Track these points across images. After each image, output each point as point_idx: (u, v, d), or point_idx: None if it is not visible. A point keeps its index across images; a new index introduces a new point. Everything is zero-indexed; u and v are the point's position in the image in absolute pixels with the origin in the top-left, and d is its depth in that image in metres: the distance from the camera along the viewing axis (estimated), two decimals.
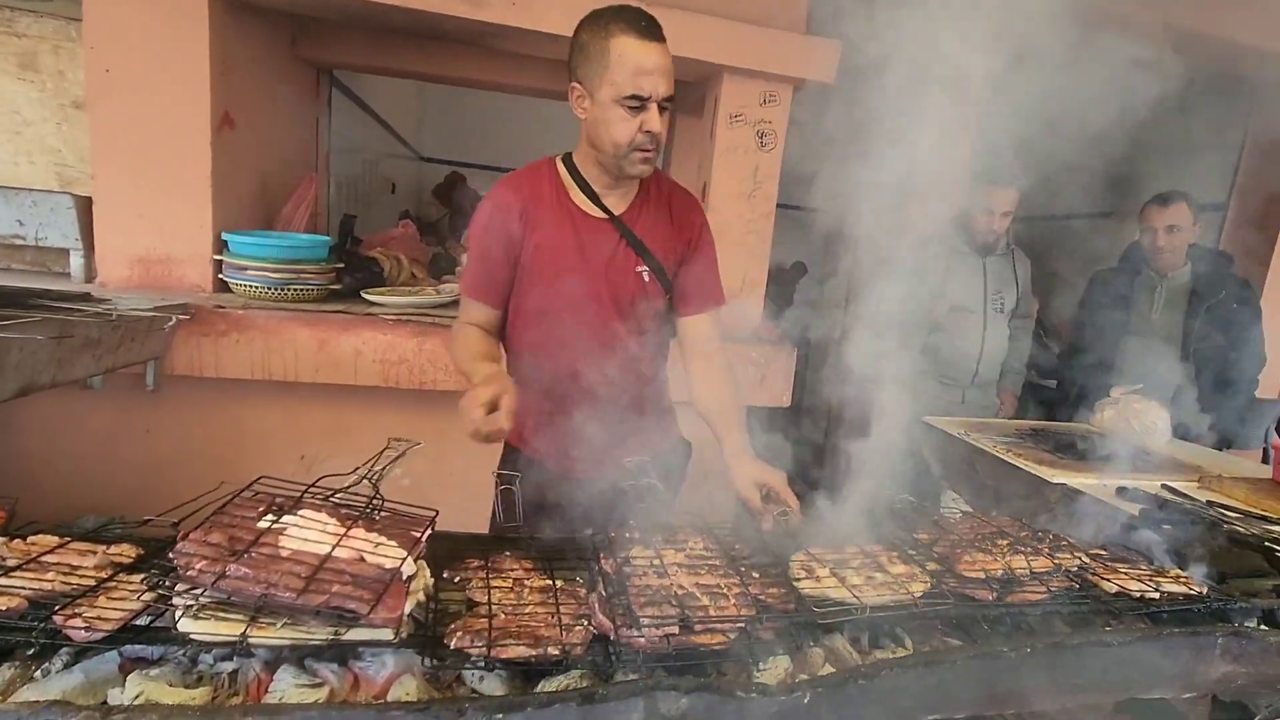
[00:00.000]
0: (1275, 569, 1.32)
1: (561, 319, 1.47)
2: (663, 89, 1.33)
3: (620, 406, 1.49)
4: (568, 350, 1.48)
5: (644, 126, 1.32)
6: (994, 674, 1.05)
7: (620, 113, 1.31)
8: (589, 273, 1.46)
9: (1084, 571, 1.19)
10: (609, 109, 1.32)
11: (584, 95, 1.36)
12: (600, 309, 1.49)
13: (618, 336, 1.51)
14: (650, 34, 1.32)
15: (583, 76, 1.34)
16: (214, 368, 2.18)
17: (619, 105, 1.31)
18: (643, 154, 1.36)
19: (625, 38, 1.29)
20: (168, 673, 0.90)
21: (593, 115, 1.36)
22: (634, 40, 1.29)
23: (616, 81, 1.29)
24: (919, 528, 1.32)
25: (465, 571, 1.09)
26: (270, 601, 0.83)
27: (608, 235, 1.48)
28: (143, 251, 2.24)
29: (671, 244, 1.54)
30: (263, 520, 0.95)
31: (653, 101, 1.32)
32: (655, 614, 0.96)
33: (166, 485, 2.26)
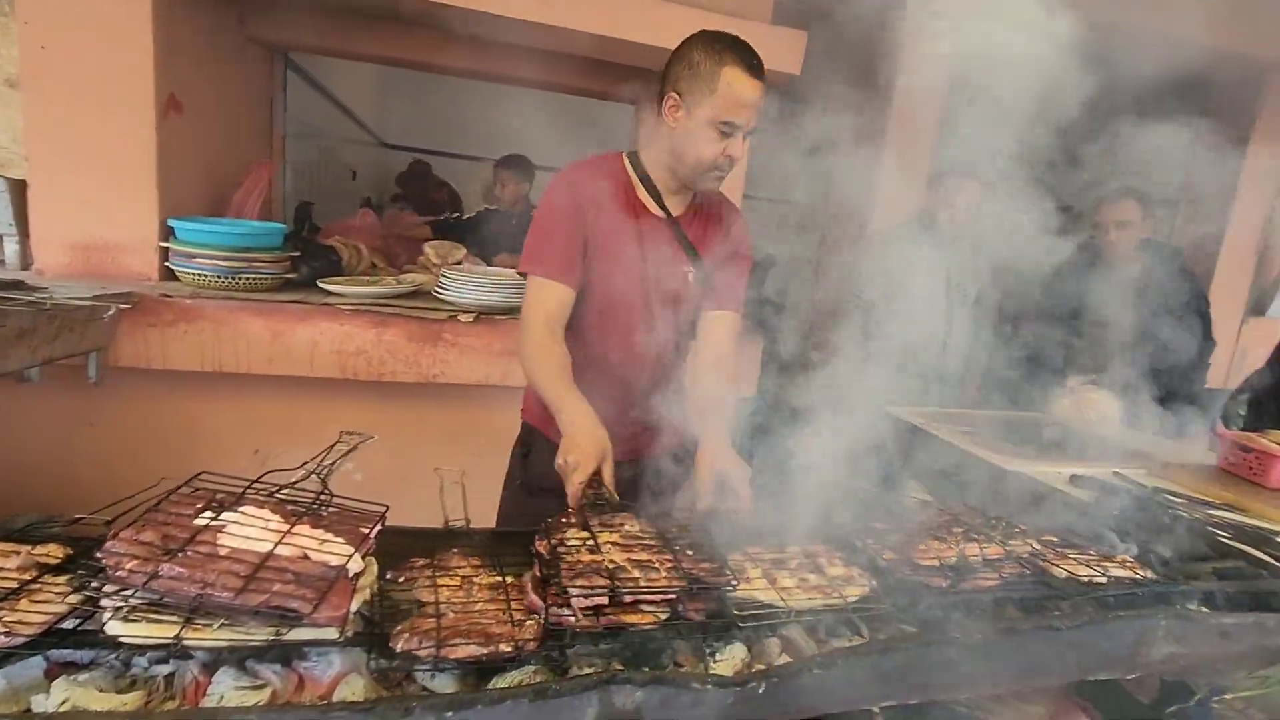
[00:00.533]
0: (1217, 553, 1.37)
1: (611, 308, 1.55)
2: (752, 122, 1.43)
3: (647, 398, 1.58)
4: (609, 338, 1.57)
5: (728, 150, 1.43)
6: (947, 661, 1.06)
7: (712, 134, 1.41)
8: (643, 266, 1.55)
9: (1035, 558, 1.21)
10: (702, 128, 1.41)
11: (679, 107, 1.44)
12: (646, 302, 1.57)
13: (655, 331, 1.59)
14: (757, 73, 1.42)
15: (684, 90, 1.42)
16: (161, 359, 2.10)
17: (713, 127, 1.41)
18: (719, 173, 1.47)
19: (737, 70, 1.38)
20: (98, 678, 0.85)
21: (684, 128, 1.44)
22: (743, 74, 1.39)
23: (718, 106, 1.39)
24: (876, 517, 1.33)
25: (411, 571, 1.06)
26: (206, 602, 0.80)
27: (664, 234, 1.57)
28: (83, 238, 2.14)
29: (714, 248, 1.62)
30: (201, 517, 0.91)
31: (742, 131, 1.43)
32: (584, 584, 0.95)
33: (111, 482, 2.14)
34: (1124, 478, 1.76)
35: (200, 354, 2.14)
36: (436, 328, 2.35)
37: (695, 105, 1.41)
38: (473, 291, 2.44)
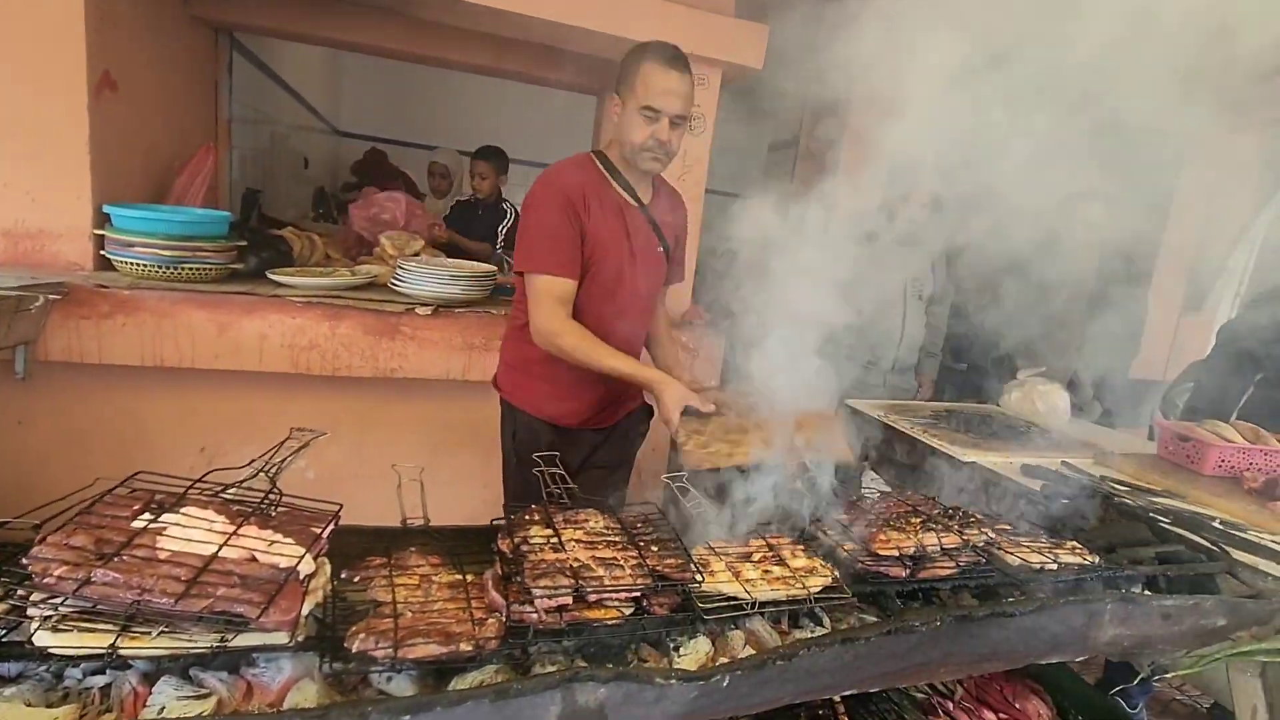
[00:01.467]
0: (1158, 538, 1.43)
1: (607, 288, 1.74)
2: (675, 108, 1.63)
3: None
4: (606, 315, 1.74)
5: (654, 134, 1.64)
6: (906, 648, 1.08)
7: (639, 120, 1.64)
8: (631, 250, 1.76)
9: (990, 546, 1.24)
10: (632, 115, 1.64)
11: (618, 104, 1.69)
12: (634, 281, 1.78)
13: (641, 305, 1.84)
14: (676, 65, 1.63)
15: (620, 89, 1.68)
16: (96, 353, 1.99)
17: (639, 114, 1.63)
18: (651, 154, 1.68)
19: (654, 63, 1.61)
20: (25, 691, 0.80)
21: (622, 120, 1.69)
22: (660, 66, 1.61)
23: (639, 95, 1.62)
24: (839, 508, 1.34)
25: (367, 570, 1.03)
26: (144, 609, 0.75)
27: (641, 220, 1.79)
28: (9, 224, 2.01)
29: (671, 229, 1.89)
30: (138, 519, 0.86)
31: (664, 116, 1.62)
32: (548, 585, 0.94)
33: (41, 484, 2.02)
34: (1072, 467, 1.82)
35: (140, 348, 2.03)
36: (394, 320, 2.29)
37: (626, 98, 1.66)
38: (431, 283, 2.38)
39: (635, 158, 1.69)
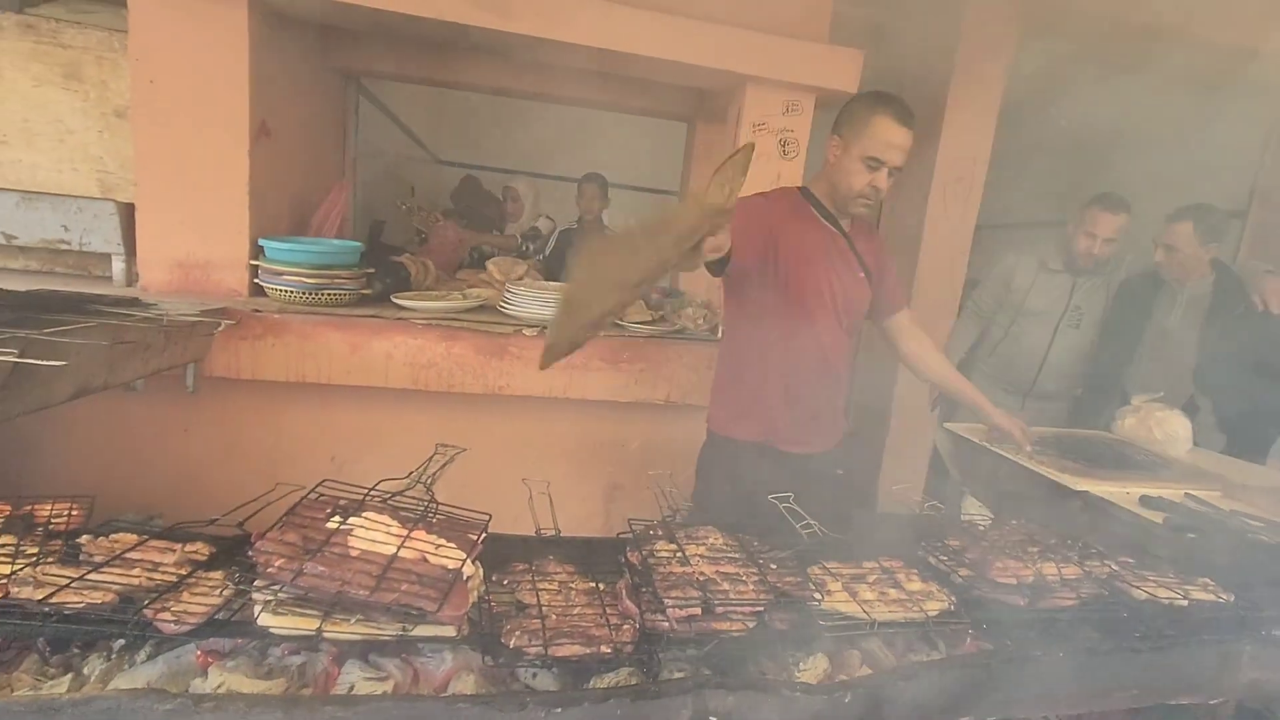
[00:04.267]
0: None
1: (810, 309, 1.84)
2: (897, 161, 1.73)
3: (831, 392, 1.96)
4: (808, 336, 1.85)
5: (873, 182, 1.75)
6: (1027, 678, 1.08)
7: (860, 168, 1.74)
8: (830, 270, 1.85)
9: (1113, 579, 1.22)
10: (855, 162, 1.74)
11: (839, 146, 1.79)
12: (834, 299, 1.87)
13: (843, 327, 1.92)
14: (906, 121, 1.72)
15: (843, 133, 1.77)
16: (250, 370, 2.24)
17: (861, 161, 1.73)
18: (865, 200, 1.79)
19: (886, 118, 1.71)
20: (242, 665, 0.95)
21: (840, 164, 1.79)
22: (891, 122, 1.70)
23: (865, 145, 1.72)
24: (949, 534, 1.35)
25: (513, 575, 1.14)
26: (344, 598, 0.88)
27: (841, 244, 1.89)
28: (182, 256, 2.29)
29: (872, 256, 1.97)
30: (331, 521, 1.00)
31: (886, 167, 1.73)
32: (679, 596, 1.01)
33: (203, 484, 2.32)
34: (1197, 500, 1.74)
35: (285, 365, 2.27)
36: (502, 341, 2.44)
37: (850, 143, 1.75)
38: (536, 306, 2.53)
39: (848, 203, 1.80)
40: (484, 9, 2.31)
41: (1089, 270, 2.87)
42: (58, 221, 2.28)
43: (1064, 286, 2.92)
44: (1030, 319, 2.96)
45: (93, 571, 0.90)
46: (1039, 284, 2.93)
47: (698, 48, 2.50)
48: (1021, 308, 2.97)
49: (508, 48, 2.66)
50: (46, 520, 1.06)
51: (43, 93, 2.25)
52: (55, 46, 2.26)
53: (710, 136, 3.42)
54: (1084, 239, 2.79)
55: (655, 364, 2.53)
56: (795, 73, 2.61)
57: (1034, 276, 2.94)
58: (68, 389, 1.56)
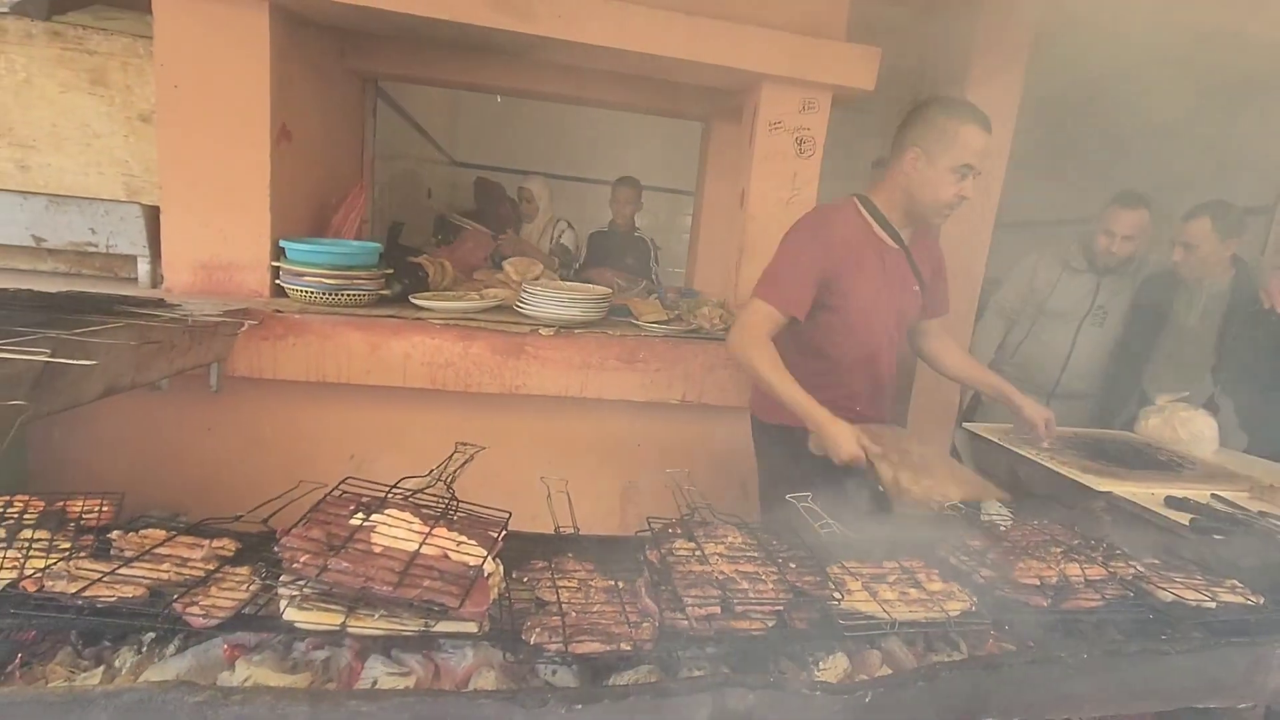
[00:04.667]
0: None
1: (863, 325, 1.87)
2: (982, 167, 1.76)
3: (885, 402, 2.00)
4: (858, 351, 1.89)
5: (961, 192, 1.76)
6: (1050, 680, 1.07)
7: (950, 177, 1.74)
8: (888, 290, 1.88)
9: (1139, 580, 1.20)
10: (942, 174, 1.74)
11: (922, 158, 1.76)
12: (890, 319, 1.91)
13: (893, 341, 1.96)
14: (988, 128, 1.75)
15: (926, 145, 1.75)
16: (272, 370, 2.27)
17: (952, 172, 1.73)
18: (951, 209, 1.80)
19: (974, 127, 1.72)
20: (268, 659, 0.96)
21: (923, 175, 1.77)
22: (978, 130, 1.72)
23: (956, 155, 1.71)
24: (970, 534, 1.34)
25: (532, 572, 1.14)
26: (368, 594, 0.89)
27: (900, 261, 1.91)
28: (206, 258, 2.33)
29: (929, 264, 1.99)
30: (354, 518, 1.01)
31: (974, 173, 1.74)
32: (698, 594, 1.01)
33: (225, 481, 2.35)
34: (1224, 500, 1.71)
35: (306, 365, 2.30)
36: (519, 341, 2.46)
37: (937, 155, 1.73)
38: (552, 306, 2.54)
39: (933, 213, 1.81)
40: (501, 11, 2.33)
41: (1113, 269, 2.83)
42: (85, 224, 2.33)
43: (1087, 286, 2.89)
44: (1053, 319, 2.93)
45: (124, 566, 0.92)
46: (1062, 283, 2.91)
47: (714, 47, 2.50)
48: (1044, 307, 2.94)
49: (525, 49, 2.67)
50: (78, 516, 1.08)
51: (70, 98, 2.30)
52: (82, 53, 2.31)
53: (726, 136, 3.42)
54: (1103, 237, 2.76)
55: (671, 363, 2.53)
56: (812, 70, 2.60)
57: (1057, 276, 2.92)
58: (97, 388, 1.59)
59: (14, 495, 1.11)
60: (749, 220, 2.74)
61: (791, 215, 2.77)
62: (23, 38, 2.24)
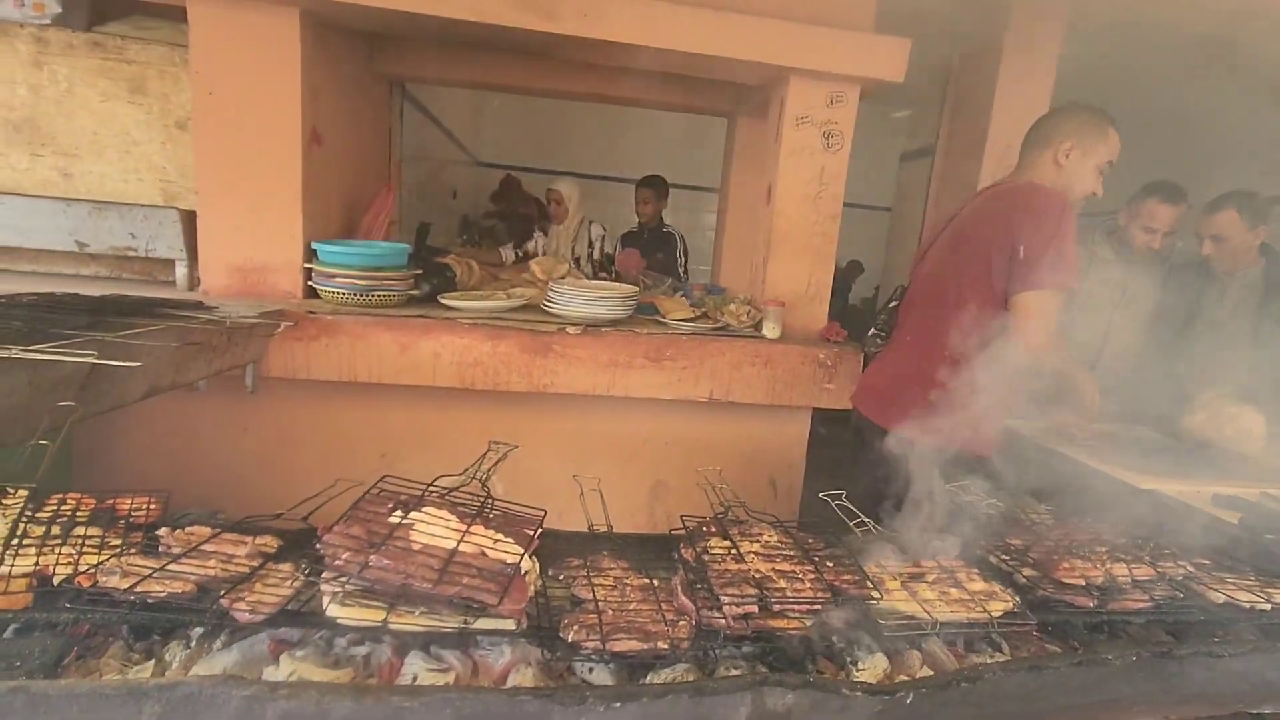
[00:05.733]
0: None
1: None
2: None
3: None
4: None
5: (1098, 187, 1.91)
6: (1097, 682, 1.04)
7: (1096, 174, 1.88)
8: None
9: (1189, 580, 1.17)
10: (1091, 169, 1.87)
11: (1076, 150, 1.87)
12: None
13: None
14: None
15: (1082, 140, 1.87)
16: (305, 370, 2.30)
17: (1097, 168, 1.87)
18: (1083, 202, 1.92)
19: (1115, 130, 1.88)
20: (311, 654, 0.97)
21: (1076, 167, 1.88)
22: (1116, 135, 1.88)
23: (1103, 153, 1.86)
24: (1010, 533, 1.31)
25: (568, 570, 1.15)
26: (408, 591, 0.90)
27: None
28: (240, 261, 2.38)
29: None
30: (393, 516, 1.02)
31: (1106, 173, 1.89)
32: (735, 594, 1.00)
33: (261, 481, 2.40)
34: (1276, 499, 1.65)
35: (338, 365, 2.33)
36: (546, 340, 2.47)
37: (1089, 151, 1.86)
38: (580, 304, 2.54)
39: (1077, 203, 1.90)
40: (526, 10, 2.34)
41: (1142, 259, 2.75)
42: (125, 229, 2.39)
43: (1117, 277, 2.81)
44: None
45: (172, 562, 0.94)
46: (1091, 274, 2.83)
47: (740, 41, 2.48)
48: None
49: (549, 48, 2.68)
50: (127, 513, 1.11)
51: (110, 107, 2.36)
52: (121, 62, 2.37)
53: (752, 131, 3.40)
54: (1142, 233, 2.68)
55: (698, 361, 2.52)
56: (840, 63, 2.57)
57: (1086, 266, 2.84)
58: (140, 389, 1.63)
59: (65, 494, 1.14)
60: (775, 216, 2.72)
61: (819, 210, 2.76)
62: (64, 49, 2.30)
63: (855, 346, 2.69)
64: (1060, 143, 1.87)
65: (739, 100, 3.28)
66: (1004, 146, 3.63)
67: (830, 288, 2.83)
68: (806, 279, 2.77)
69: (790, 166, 2.69)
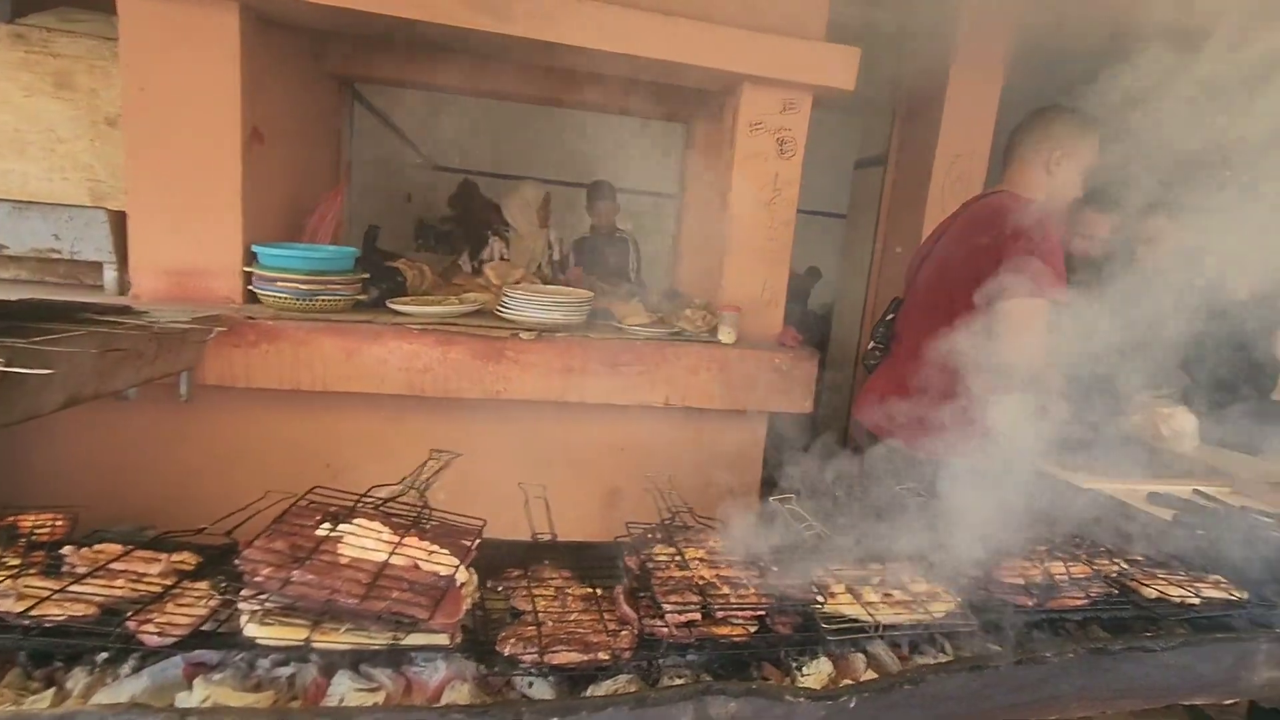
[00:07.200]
0: None
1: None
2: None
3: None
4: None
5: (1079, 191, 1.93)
6: (1037, 680, 1.06)
7: (1078, 179, 1.90)
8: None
9: (1123, 577, 1.19)
10: (1075, 175, 1.90)
11: (1066, 156, 1.88)
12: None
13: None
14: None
15: (1070, 146, 1.88)
16: (244, 378, 2.21)
17: (1081, 174, 1.90)
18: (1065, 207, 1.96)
19: (1097, 141, 1.89)
20: (229, 678, 0.92)
21: (1064, 173, 1.90)
22: (1098, 138, 1.89)
23: (1086, 159, 1.89)
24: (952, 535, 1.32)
25: (508, 581, 1.11)
26: (333, 607, 0.85)
27: None
28: (175, 264, 2.28)
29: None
30: (320, 528, 0.97)
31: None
32: (677, 601, 0.98)
33: (197, 494, 2.28)
34: (1207, 496, 1.71)
35: (280, 373, 2.24)
36: (499, 345, 2.42)
37: (1077, 156, 1.87)
38: (534, 310, 2.51)
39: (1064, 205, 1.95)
40: (479, 11, 2.30)
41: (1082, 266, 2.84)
42: (48, 230, 2.27)
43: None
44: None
45: (74, 583, 0.87)
46: None
47: (694, 48, 2.49)
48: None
49: (503, 51, 2.65)
50: (29, 531, 1.04)
51: (34, 102, 2.24)
52: (46, 55, 2.25)
53: (708, 137, 3.41)
54: (1081, 240, 2.74)
55: (654, 366, 2.51)
56: (792, 71, 2.60)
57: None
58: (57, 398, 1.53)
59: None
60: (731, 221, 2.73)
61: (773, 216, 2.78)
62: None
63: (810, 351, 2.72)
64: (1051, 150, 1.88)
65: (696, 106, 3.30)
66: (953, 155, 3.73)
67: (785, 292, 2.85)
68: (762, 284, 2.78)
69: (745, 172, 2.71)
